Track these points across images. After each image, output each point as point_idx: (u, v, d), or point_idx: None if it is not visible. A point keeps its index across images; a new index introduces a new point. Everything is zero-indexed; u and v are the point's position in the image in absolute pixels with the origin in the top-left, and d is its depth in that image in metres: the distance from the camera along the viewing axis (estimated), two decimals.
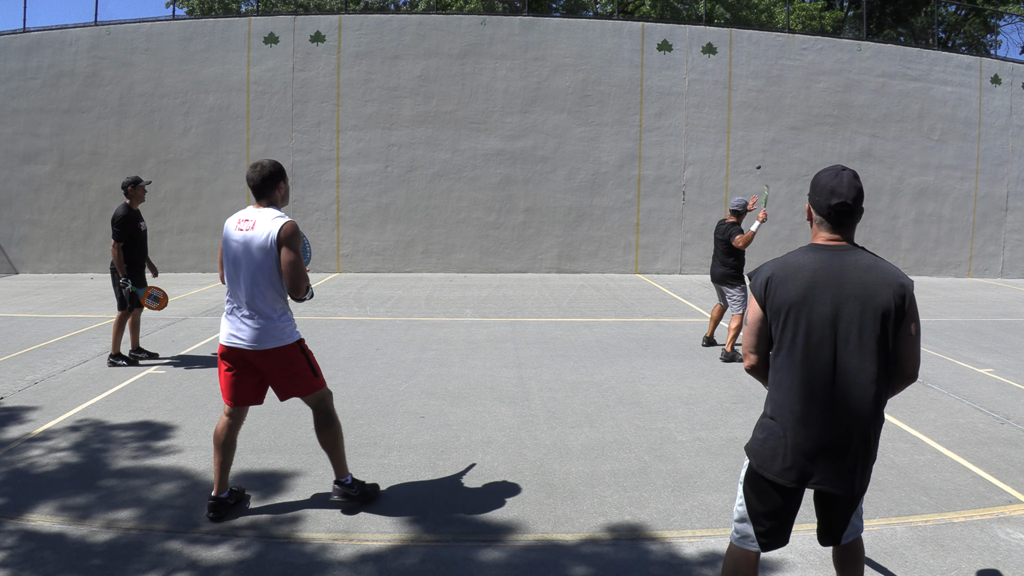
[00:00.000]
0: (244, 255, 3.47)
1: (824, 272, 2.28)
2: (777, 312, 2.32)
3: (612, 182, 15.37)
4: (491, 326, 8.99)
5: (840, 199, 2.29)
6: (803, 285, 2.28)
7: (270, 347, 3.47)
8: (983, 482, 4.14)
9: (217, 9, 25.48)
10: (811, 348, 2.26)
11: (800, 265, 2.33)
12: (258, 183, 3.54)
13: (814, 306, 2.26)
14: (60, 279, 13.92)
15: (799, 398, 2.28)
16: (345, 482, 3.71)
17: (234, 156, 14.95)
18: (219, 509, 3.56)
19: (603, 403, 5.65)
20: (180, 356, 7.10)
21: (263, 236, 3.43)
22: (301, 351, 3.60)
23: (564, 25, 15.58)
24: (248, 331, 3.46)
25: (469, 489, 3.98)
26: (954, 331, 9.05)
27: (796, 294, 2.28)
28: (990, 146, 16.44)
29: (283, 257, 3.41)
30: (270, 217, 3.47)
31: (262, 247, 3.42)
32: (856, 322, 2.22)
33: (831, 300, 2.24)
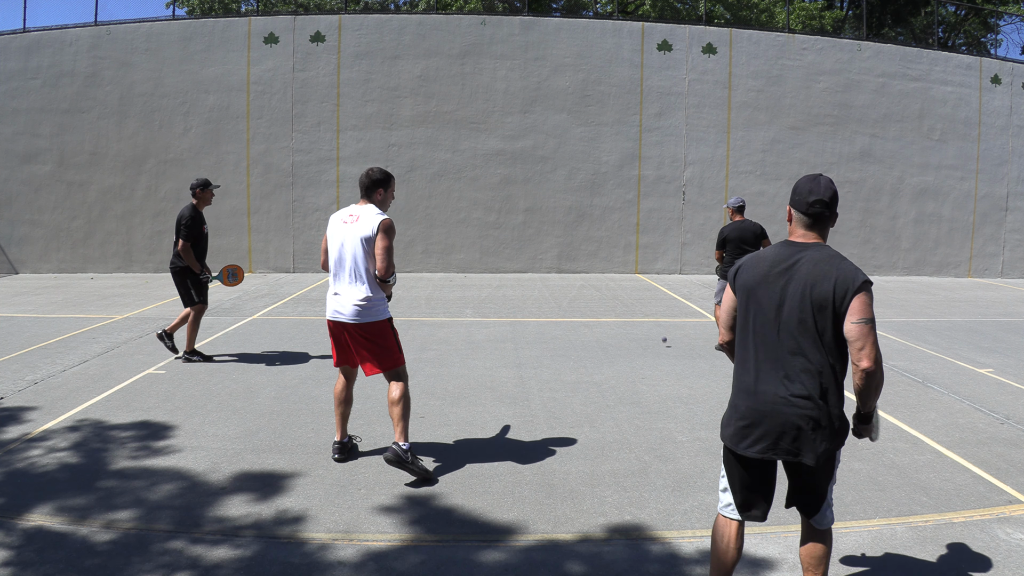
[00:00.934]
0: (350, 243, 4.09)
1: (782, 262, 2.51)
2: (739, 295, 2.61)
3: (612, 182, 15.37)
4: (491, 326, 8.99)
5: (817, 196, 2.52)
6: (761, 272, 2.54)
7: (367, 321, 4.11)
8: (983, 482, 4.14)
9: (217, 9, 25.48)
10: (759, 328, 2.52)
11: (764, 256, 2.59)
12: (367, 185, 4.24)
13: (766, 291, 2.51)
14: (60, 279, 13.92)
15: (746, 371, 2.56)
16: (403, 447, 4.04)
17: (234, 156, 14.95)
18: (343, 451, 4.37)
19: (603, 403, 5.65)
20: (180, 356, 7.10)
21: (367, 228, 4.08)
22: (391, 327, 4.24)
23: (564, 25, 15.58)
24: (350, 308, 4.09)
25: (469, 489, 3.98)
26: (954, 331, 9.05)
27: (753, 279, 2.55)
28: (990, 146, 16.44)
29: (378, 243, 4.06)
30: (372, 213, 4.14)
31: (366, 237, 4.06)
32: (797, 309, 2.45)
33: (780, 287, 2.48)
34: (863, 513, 3.71)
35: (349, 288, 4.10)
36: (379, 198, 4.25)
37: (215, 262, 14.89)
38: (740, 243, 7.09)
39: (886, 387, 6.19)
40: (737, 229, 7.23)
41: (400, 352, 4.26)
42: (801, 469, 2.55)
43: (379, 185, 4.24)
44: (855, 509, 3.75)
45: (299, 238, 15.09)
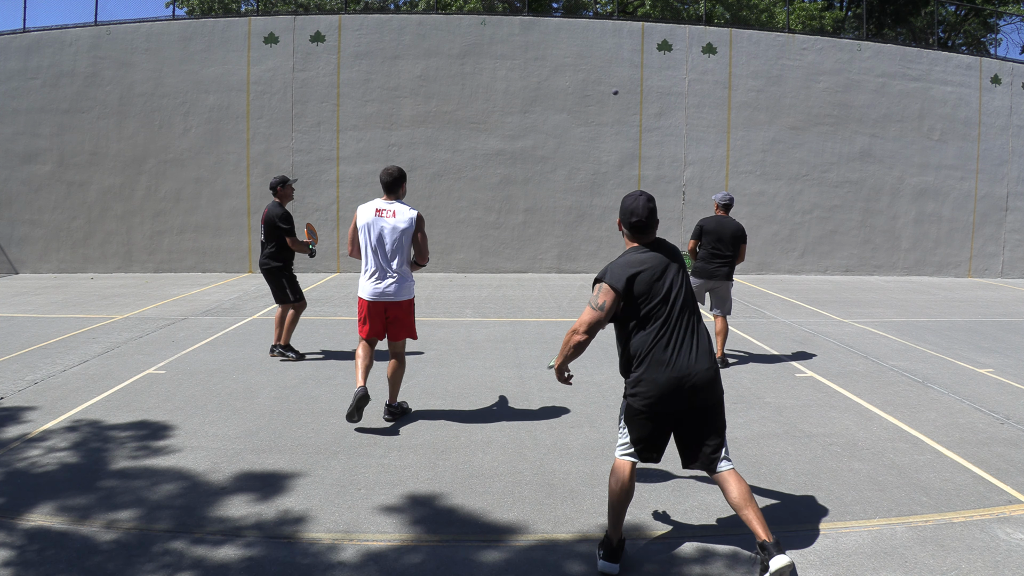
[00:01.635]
0: (390, 233, 4.89)
1: (657, 263, 3.17)
2: (641, 294, 3.11)
3: (612, 182, 15.37)
4: (491, 326, 8.99)
5: (637, 218, 3.23)
6: (652, 272, 3.14)
7: (404, 298, 5.03)
8: (983, 482, 4.14)
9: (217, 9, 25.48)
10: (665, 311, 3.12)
11: (643, 260, 3.18)
12: (388, 183, 4.97)
13: (662, 284, 3.14)
14: (60, 279, 13.92)
15: (657, 346, 3.08)
16: (393, 406, 5.19)
17: (234, 156, 14.95)
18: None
19: (603, 403, 5.65)
20: (179, 356, 7.10)
21: (406, 220, 4.92)
22: (414, 305, 5.21)
23: (564, 25, 15.58)
24: (394, 287, 4.95)
25: (469, 489, 3.98)
26: (954, 331, 9.05)
27: (651, 278, 3.13)
28: (990, 146, 16.44)
29: (419, 236, 5.00)
30: (407, 207, 4.97)
31: (406, 229, 4.91)
32: (679, 283, 3.17)
33: (669, 278, 3.16)
34: (863, 513, 3.71)
35: (392, 271, 4.93)
36: (403, 192, 5.03)
37: (215, 262, 14.96)
38: (717, 238, 6.89)
39: (886, 387, 6.21)
40: (717, 223, 7.00)
41: (414, 327, 5.25)
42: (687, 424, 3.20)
43: (402, 180, 5.02)
44: (855, 509, 3.76)
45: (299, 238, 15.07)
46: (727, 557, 3.26)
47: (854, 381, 6.43)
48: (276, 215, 6.85)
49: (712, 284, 7.02)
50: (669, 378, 3.03)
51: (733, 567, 3.18)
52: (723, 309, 7.11)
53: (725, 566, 3.19)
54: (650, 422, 3.11)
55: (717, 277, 6.92)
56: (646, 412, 3.09)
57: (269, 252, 6.91)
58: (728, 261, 6.88)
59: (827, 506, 3.79)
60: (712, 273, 6.92)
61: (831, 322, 9.57)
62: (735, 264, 6.98)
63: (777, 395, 5.95)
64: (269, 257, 6.92)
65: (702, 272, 6.97)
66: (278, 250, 6.92)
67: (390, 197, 4.96)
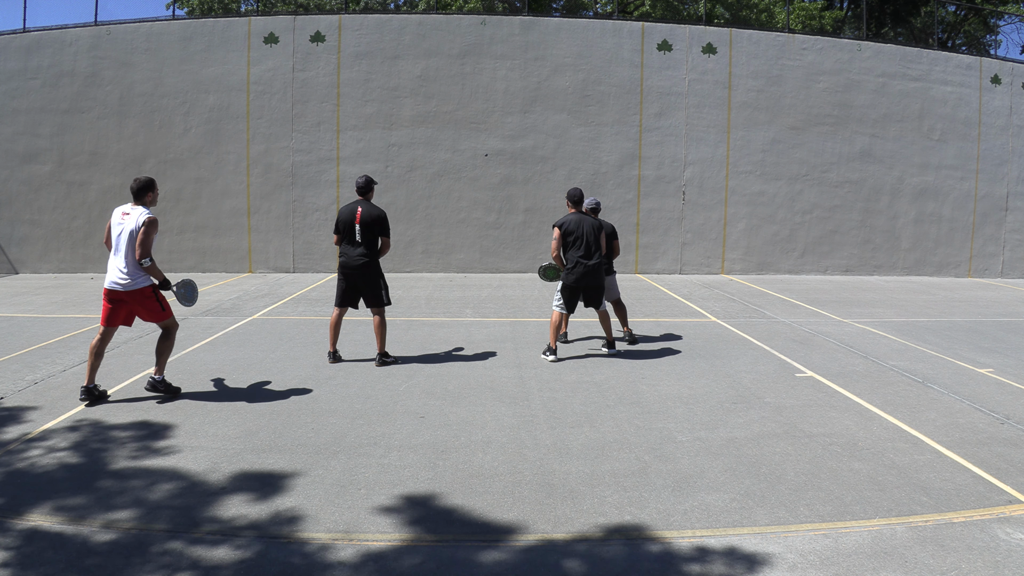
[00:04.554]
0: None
1: (583, 221, 7.07)
2: (568, 234, 7.01)
3: (612, 182, 15.37)
4: (491, 326, 8.99)
5: (578, 197, 7.22)
6: (575, 224, 7.03)
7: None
8: (983, 482, 4.14)
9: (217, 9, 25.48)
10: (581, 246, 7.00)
11: (575, 219, 7.07)
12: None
13: (581, 231, 7.00)
14: (60, 279, 13.91)
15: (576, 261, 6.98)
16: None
17: (234, 156, 14.95)
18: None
19: (603, 403, 5.65)
20: (179, 356, 7.10)
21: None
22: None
23: (564, 25, 15.57)
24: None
25: (469, 489, 3.98)
26: (954, 331, 9.05)
27: (575, 227, 7.02)
28: (990, 146, 16.44)
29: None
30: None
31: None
32: (593, 234, 7.03)
33: (585, 226, 7.04)
34: (863, 513, 3.71)
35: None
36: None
37: (215, 262, 14.96)
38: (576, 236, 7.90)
39: (886, 387, 6.21)
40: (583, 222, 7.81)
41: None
42: (592, 290, 7.17)
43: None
44: (855, 509, 3.76)
45: (299, 238, 15.09)
46: (727, 557, 3.26)
47: (854, 381, 6.43)
48: (383, 216, 6.72)
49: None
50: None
51: (733, 567, 3.18)
52: (611, 295, 8.01)
53: (725, 566, 3.18)
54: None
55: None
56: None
57: (363, 251, 6.70)
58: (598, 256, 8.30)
59: (827, 506, 3.79)
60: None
61: (831, 322, 9.57)
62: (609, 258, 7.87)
63: (777, 395, 5.95)
64: (364, 254, 6.70)
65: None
66: (375, 250, 6.77)
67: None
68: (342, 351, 7.20)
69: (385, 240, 6.80)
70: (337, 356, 6.96)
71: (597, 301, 7.26)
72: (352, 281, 6.78)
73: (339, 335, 7.16)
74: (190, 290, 6.04)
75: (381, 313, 6.88)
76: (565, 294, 7.16)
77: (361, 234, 6.66)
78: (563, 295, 7.18)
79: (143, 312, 5.59)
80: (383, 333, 6.88)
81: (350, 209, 6.72)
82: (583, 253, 6.97)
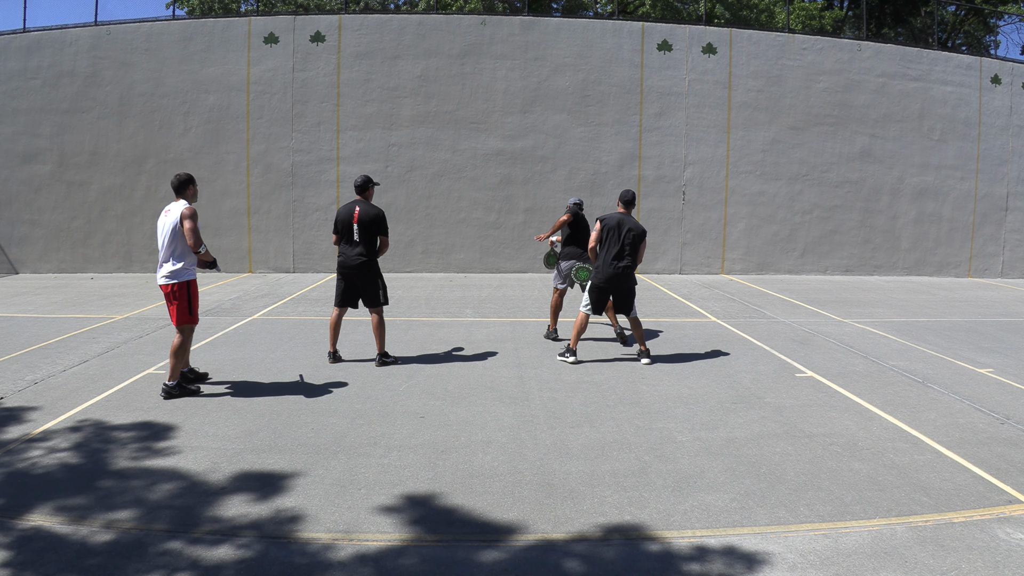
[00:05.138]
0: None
1: (624, 223, 6.94)
2: (605, 230, 6.95)
3: (612, 182, 15.37)
4: (491, 326, 8.99)
5: (628, 198, 7.16)
6: (615, 222, 6.93)
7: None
8: (983, 482, 4.14)
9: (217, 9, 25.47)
10: (614, 245, 6.93)
11: (618, 218, 6.97)
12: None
13: (620, 230, 6.91)
14: (60, 279, 13.92)
15: (605, 261, 6.95)
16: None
17: (234, 156, 14.95)
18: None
19: (603, 403, 5.65)
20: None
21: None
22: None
23: (564, 25, 15.57)
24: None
25: (469, 489, 3.98)
26: (954, 331, 9.05)
27: (614, 225, 6.92)
28: (990, 146, 16.44)
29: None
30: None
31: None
32: (630, 238, 6.90)
33: (624, 228, 6.92)
34: (863, 513, 3.71)
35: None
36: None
37: None
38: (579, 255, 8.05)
39: (886, 387, 6.21)
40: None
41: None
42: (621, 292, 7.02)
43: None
44: (855, 509, 3.76)
45: (299, 238, 15.09)
46: (727, 557, 3.26)
47: (854, 381, 6.43)
48: (380, 215, 6.70)
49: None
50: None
51: (733, 567, 3.18)
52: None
53: (725, 566, 3.19)
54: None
55: (583, 259, 8.04)
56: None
57: (361, 251, 6.67)
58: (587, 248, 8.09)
59: (827, 506, 3.79)
60: (578, 255, 8.06)
61: (831, 322, 9.57)
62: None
63: (777, 395, 5.95)
64: (362, 254, 6.68)
65: (571, 255, 8.10)
66: (373, 249, 6.75)
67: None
68: (342, 351, 7.19)
69: (384, 240, 6.78)
70: (337, 356, 6.95)
71: (628, 306, 7.05)
72: (351, 281, 6.76)
73: (339, 335, 7.15)
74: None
75: (379, 313, 6.87)
76: (593, 295, 7.04)
77: (359, 234, 6.65)
78: (591, 296, 7.05)
79: (172, 308, 5.64)
80: (382, 333, 6.88)
81: (348, 209, 6.71)
82: (614, 254, 6.90)
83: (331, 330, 6.97)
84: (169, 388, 5.66)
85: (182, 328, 5.65)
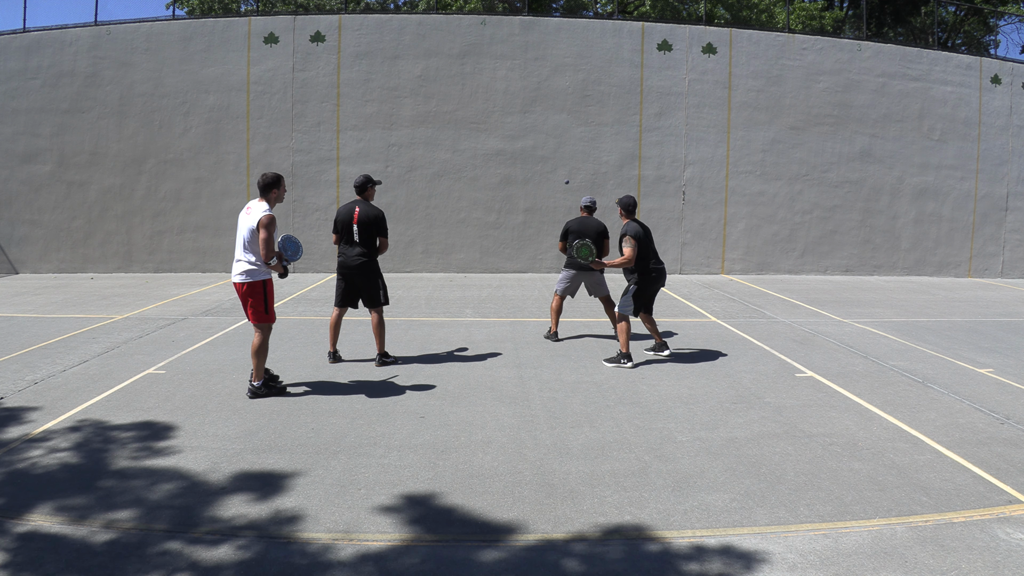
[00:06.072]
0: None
1: (644, 229, 7.03)
2: (641, 244, 6.89)
3: (612, 182, 15.37)
4: (491, 326, 8.99)
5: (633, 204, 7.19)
6: (645, 234, 6.98)
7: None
8: (983, 482, 4.14)
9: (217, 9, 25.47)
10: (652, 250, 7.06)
11: (642, 228, 6.98)
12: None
13: (648, 235, 7.03)
14: (60, 279, 13.92)
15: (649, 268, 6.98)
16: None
17: (234, 156, 14.95)
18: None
19: (603, 403, 5.65)
20: (179, 356, 7.10)
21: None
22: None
23: (564, 25, 15.57)
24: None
25: (469, 489, 3.98)
26: (954, 331, 9.05)
27: (645, 237, 6.98)
28: (990, 146, 16.44)
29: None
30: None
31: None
32: (648, 238, 7.01)
33: (648, 233, 7.07)
34: (863, 513, 3.71)
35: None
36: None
37: (215, 262, 14.96)
38: (580, 236, 7.79)
39: (886, 387, 6.21)
40: (579, 223, 7.95)
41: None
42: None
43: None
44: (855, 509, 3.76)
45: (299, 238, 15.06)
46: (727, 557, 3.26)
47: (854, 381, 6.43)
48: (380, 215, 6.69)
49: (583, 275, 8.01)
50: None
51: (733, 567, 3.18)
52: (600, 292, 8.05)
53: (725, 566, 3.19)
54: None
55: (584, 268, 7.84)
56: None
57: (361, 251, 6.67)
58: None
59: (827, 506, 3.79)
60: (580, 265, 7.86)
61: (831, 322, 9.57)
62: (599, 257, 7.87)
63: (777, 395, 5.95)
64: (364, 254, 6.67)
65: (572, 264, 7.96)
66: (373, 249, 6.75)
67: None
68: (342, 351, 7.20)
69: (383, 240, 6.77)
70: (337, 356, 6.96)
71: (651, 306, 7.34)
72: (351, 281, 6.76)
73: (339, 335, 7.15)
74: (290, 244, 5.79)
75: (380, 312, 6.87)
76: (641, 299, 7.05)
77: (359, 234, 6.65)
78: (637, 301, 7.01)
79: (248, 308, 5.63)
80: (382, 333, 6.88)
81: (348, 209, 6.71)
82: (656, 259, 7.07)
83: (331, 330, 6.97)
84: (255, 389, 5.65)
85: (260, 327, 5.62)
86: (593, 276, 7.98)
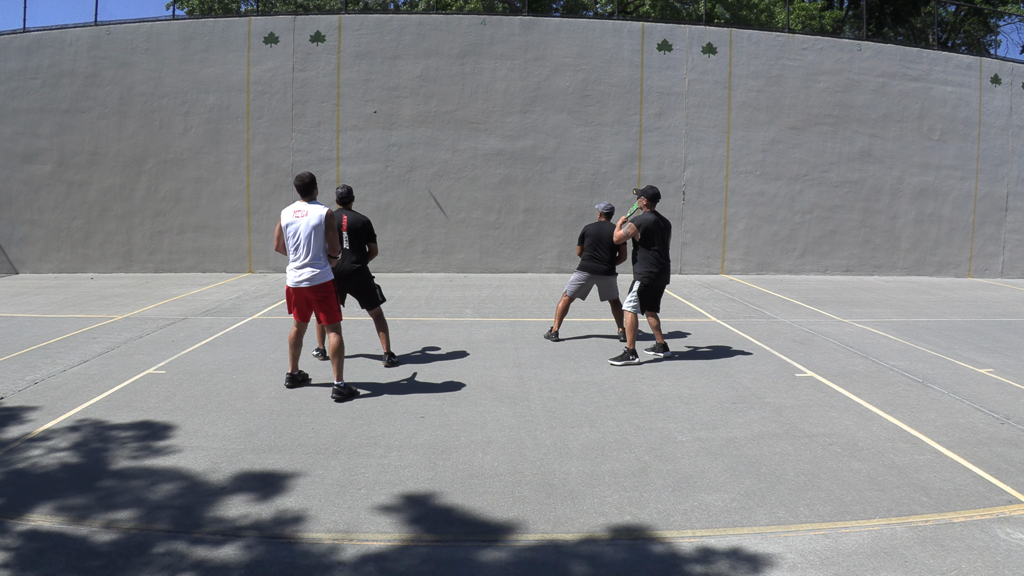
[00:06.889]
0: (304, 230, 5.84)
1: (660, 222, 7.08)
2: (647, 232, 6.97)
3: (612, 182, 15.37)
4: (491, 326, 8.99)
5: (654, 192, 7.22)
6: (654, 221, 7.01)
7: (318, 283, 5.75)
8: (983, 482, 4.14)
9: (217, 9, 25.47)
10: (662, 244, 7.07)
11: (653, 217, 7.03)
12: (304, 186, 5.77)
13: (662, 229, 7.06)
14: (60, 279, 13.92)
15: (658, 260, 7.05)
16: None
17: (234, 156, 14.95)
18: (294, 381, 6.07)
19: (603, 403, 5.65)
20: (179, 356, 7.10)
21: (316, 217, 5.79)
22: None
23: (564, 25, 15.57)
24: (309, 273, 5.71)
25: (469, 489, 3.98)
26: (954, 331, 9.05)
27: (653, 224, 6.98)
28: (990, 146, 16.44)
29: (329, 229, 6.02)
30: (318, 207, 5.83)
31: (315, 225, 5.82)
32: (663, 233, 7.14)
33: (664, 227, 7.10)
34: (863, 513, 3.71)
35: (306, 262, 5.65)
36: (316, 195, 5.79)
37: (215, 262, 14.96)
38: (597, 240, 7.91)
39: (886, 387, 6.21)
40: (596, 227, 8.01)
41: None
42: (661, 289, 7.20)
43: (314, 185, 5.75)
44: (855, 509, 3.76)
45: None
46: (727, 557, 3.26)
47: (854, 381, 6.43)
48: (367, 221, 6.79)
49: (595, 279, 8.05)
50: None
51: (733, 566, 3.18)
52: (611, 295, 8.15)
53: (725, 566, 3.19)
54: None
55: (598, 272, 7.96)
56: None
57: (354, 259, 6.75)
58: (605, 260, 7.95)
59: (827, 506, 3.79)
60: (594, 269, 7.96)
61: (831, 322, 9.57)
62: (614, 262, 8.00)
63: (777, 395, 5.95)
64: (357, 260, 6.76)
65: (586, 268, 8.02)
66: (363, 255, 6.84)
67: (307, 200, 5.66)
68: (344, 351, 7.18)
69: (372, 245, 6.86)
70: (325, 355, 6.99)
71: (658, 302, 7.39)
72: (343, 287, 6.82)
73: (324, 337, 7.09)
74: None
75: (380, 312, 6.91)
76: (648, 295, 7.08)
77: (349, 241, 6.76)
78: (642, 297, 7.04)
79: (320, 309, 5.70)
80: (386, 333, 6.91)
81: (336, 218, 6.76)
82: (664, 255, 7.12)
83: (319, 334, 7.04)
84: (340, 389, 5.66)
85: (335, 327, 5.72)
86: (606, 280, 7.99)
